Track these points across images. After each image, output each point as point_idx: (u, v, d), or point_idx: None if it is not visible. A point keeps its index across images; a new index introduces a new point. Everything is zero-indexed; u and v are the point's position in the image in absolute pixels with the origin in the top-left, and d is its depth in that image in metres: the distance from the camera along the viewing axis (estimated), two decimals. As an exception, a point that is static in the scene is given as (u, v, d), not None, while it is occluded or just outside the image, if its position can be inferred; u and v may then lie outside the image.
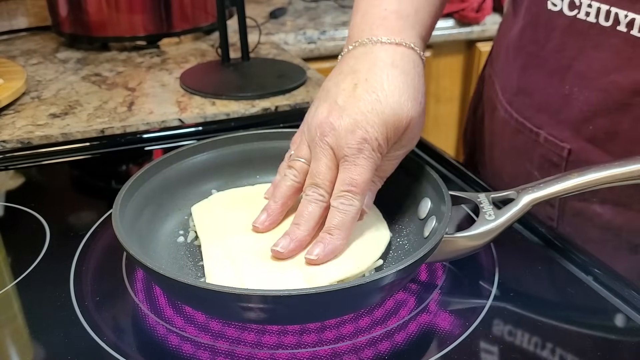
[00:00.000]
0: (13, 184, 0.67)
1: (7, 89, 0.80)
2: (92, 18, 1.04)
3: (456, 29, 1.35)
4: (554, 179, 0.47)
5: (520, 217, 0.47)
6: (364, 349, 0.42)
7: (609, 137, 0.54)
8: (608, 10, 0.48)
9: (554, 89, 0.57)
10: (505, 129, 0.65)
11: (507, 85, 0.65)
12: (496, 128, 0.67)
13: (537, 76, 0.59)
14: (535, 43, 0.58)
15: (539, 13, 0.57)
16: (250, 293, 0.38)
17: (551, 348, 0.42)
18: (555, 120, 0.58)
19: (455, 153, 1.56)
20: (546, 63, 0.57)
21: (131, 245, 0.43)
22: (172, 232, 0.53)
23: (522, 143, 0.62)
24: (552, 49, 0.56)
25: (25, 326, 0.45)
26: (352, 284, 0.39)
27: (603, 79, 0.52)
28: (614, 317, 0.45)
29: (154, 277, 0.43)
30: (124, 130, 0.76)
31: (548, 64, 0.57)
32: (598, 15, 0.49)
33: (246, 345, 0.42)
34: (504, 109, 0.65)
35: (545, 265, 0.51)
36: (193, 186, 0.57)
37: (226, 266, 0.47)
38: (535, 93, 0.60)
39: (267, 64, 0.98)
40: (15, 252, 0.54)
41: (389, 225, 0.53)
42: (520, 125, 0.62)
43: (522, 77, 0.62)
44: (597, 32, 0.50)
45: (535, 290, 0.49)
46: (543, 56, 0.58)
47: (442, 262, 0.50)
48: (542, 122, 0.59)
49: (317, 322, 0.44)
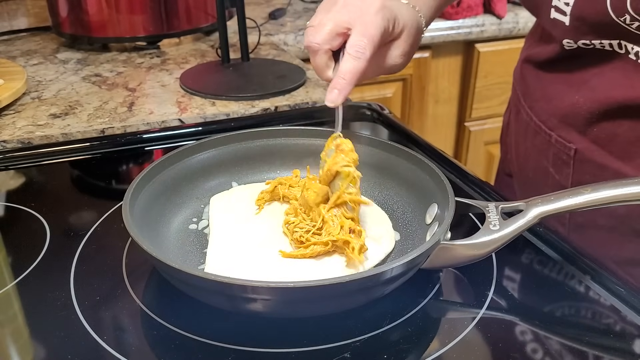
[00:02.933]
0: (13, 184, 0.67)
1: (7, 89, 0.80)
2: (92, 18, 1.04)
3: (455, 29, 1.36)
4: (566, 192, 0.47)
5: (526, 230, 0.46)
6: (359, 350, 0.42)
7: (610, 139, 0.59)
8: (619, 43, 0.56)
9: (568, 98, 0.62)
10: (527, 130, 0.71)
11: (529, 93, 0.70)
12: (520, 129, 0.73)
13: (557, 86, 0.65)
14: (567, 65, 0.63)
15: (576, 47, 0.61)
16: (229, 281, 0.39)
17: (547, 353, 0.42)
18: (564, 123, 0.64)
19: (453, 154, 1.56)
20: (571, 77, 0.63)
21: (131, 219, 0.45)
22: (186, 219, 0.55)
23: (540, 143, 0.68)
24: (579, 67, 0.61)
25: (25, 326, 0.45)
26: (333, 280, 0.39)
27: (608, 93, 0.58)
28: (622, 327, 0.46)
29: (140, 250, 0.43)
30: (124, 130, 0.77)
31: (572, 78, 0.63)
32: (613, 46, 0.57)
33: (246, 345, 0.42)
34: (526, 113, 0.71)
35: (546, 270, 0.52)
36: (213, 177, 0.58)
37: (228, 256, 0.48)
38: (553, 100, 0.65)
39: (266, 64, 0.98)
40: (15, 252, 0.54)
41: (398, 228, 0.54)
42: (538, 128, 0.68)
43: (546, 87, 0.67)
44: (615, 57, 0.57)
45: (534, 295, 0.49)
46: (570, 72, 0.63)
47: (441, 268, 0.50)
48: (553, 125, 0.65)
49: (303, 316, 0.44)
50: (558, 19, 0.58)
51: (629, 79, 0.56)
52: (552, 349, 0.42)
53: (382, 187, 0.58)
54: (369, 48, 0.52)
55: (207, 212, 0.56)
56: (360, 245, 0.48)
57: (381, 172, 0.58)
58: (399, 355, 0.41)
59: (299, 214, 0.52)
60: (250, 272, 0.47)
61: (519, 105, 0.73)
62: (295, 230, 0.50)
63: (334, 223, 0.50)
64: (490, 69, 1.43)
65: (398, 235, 0.53)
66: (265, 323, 0.45)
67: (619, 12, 0.52)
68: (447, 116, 1.51)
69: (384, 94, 1.40)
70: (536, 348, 0.42)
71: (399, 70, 0.60)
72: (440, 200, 0.50)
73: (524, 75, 0.72)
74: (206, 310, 0.45)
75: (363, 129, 0.79)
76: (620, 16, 0.52)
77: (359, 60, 0.52)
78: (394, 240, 0.52)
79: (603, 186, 0.46)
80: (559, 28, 0.59)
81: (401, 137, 0.74)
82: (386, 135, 0.77)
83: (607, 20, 0.53)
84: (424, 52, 1.37)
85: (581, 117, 0.61)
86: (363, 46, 0.52)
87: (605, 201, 0.46)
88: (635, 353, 0.42)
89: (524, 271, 0.51)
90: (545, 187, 0.67)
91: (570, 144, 0.63)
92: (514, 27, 1.39)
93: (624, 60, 0.56)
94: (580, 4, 0.55)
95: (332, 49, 0.54)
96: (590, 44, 0.57)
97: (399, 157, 0.57)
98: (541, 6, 0.61)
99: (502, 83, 1.46)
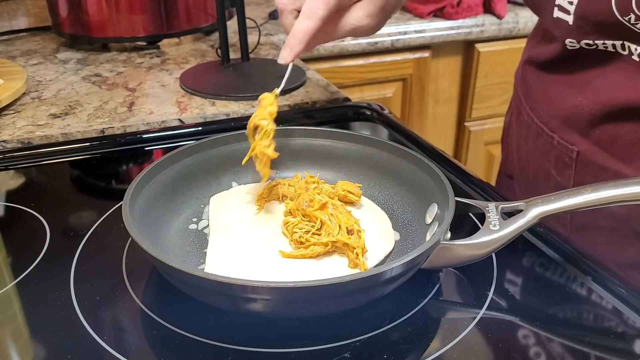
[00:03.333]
0: (13, 184, 0.67)
1: (7, 89, 0.80)
2: (92, 18, 1.04)
3: (455, 29, 1.36)
4: (566, 192, 0.47)
5: (526, 230, 0.46)
6: (358, 350, 0.42)
7: (611, 141, 0.60)
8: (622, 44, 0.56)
9: (570, 99, 0.62)
10: (529, 132, 0.71)
11: (530, 94, 0.70)
12: (521, 130, 0.73)
13: (559, 87, 0.65)
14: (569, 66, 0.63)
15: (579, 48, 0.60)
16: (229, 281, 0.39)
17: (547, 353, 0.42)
18: (566, 125, 0.64)
19: (453, 154, 1.57)
20: (572, 78, 0.63)
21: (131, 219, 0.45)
22: (185, 219, 0.55)
23: (542, 145, 0.68)
24: (581, 68, 0.61)
25: (25, 326, 0.45)
26: (333, 280, 0.39)
27: (610, 95, 0.58)
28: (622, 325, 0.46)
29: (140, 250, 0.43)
30: (124, 130, 0.77)
31: (574, 79, 0.62)
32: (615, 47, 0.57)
33: (246, 345, 0.42)
34: (527, 114, 0.71)
35: (546, 270, 0.52)
36: (213, 177, 0.59)
37: (227, 256, 0.48)
38: (555, 102, 0.65)
39: (266, 64, 0.98)
40: (15, 252, 0.54)
41: (398, 228, 0.54)
42: (540, 129, 0.68)
43: (548, 89, 0.67)
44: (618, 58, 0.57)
45: (534, 295, 0.49)
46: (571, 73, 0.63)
47: (441, 268, 0.50)
48: (555, 127, 0.65)
49: (303, 316, 0.44)
50: (561, 18, 0.58)
51: (632, 80, 0.56)
52: (553, 350, 0.42)
53: (382, 187, 0.58)
54: (322, 8, 0.54)
55: (207, 212, 0.56)
56: (361, 248, 0.48)
57: (381, 172, 0.58)
58: (398, 355, 0.41)
59: (297, 215, 0.52)
60: (250, 272, 0.47)
61: (520, 106, 0.73)
62: (294, 231, 0.50)
63: (331, 222, 0.50)
64: (490, 69, 1.44)
65: (398, 235, 0.53)
66: (265, 323, 0.45)
67: (623, 11, 0.52)
68: (447, 116, 1.51)
69: (384, 94, 1.40)
70: (536, 348, 0.42)
71: (368, 33, 0.60)
72: (440, 200, 0.50)
73: (526, 77, 0.72)
74: (206, 310, 0.45)
75: (363, 129, 0.79)
76: (625, 15, 0.52)
77: (311, 20, 0.54)
78: (393, 240, 0.52)
79: (603, 186, 0.46)
80: (562, 27, 0.59)
81: (401, 137, 0.74)
82: (386, 135, 0.77)
83: (612, 20, 0.53)
84: (424, 52, 1.37)
85: (583, 119, 0.61)
86: (316, 6, 0.54)
87: (606, 201, 0.46)
88: (636, 354, 0.42)
89: (524, 271, 0.51)
90: (547, 189, 0.67)
91: (572, 146, 0.63)
92: (514, 27, 1.39)
93: (626, 61, 0.56)
94: (585, 3, 0.55)
95: (297, 9, 0.56)
96: (593, 44, 0.57)
97: (398, 157, 0.57)
98: (544, 5, 0.61)
99: (502, 83, 1.46)
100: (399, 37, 1.31)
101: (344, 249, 0.49)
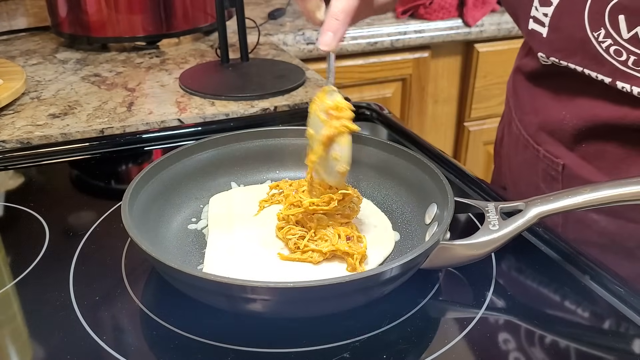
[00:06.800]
0: (13, 184, 0.67)
1: (6, 89, 0.80)
2: (91, 18, 1.04)
3: (454, 30, 1.36)
4: (565, 192, 0.47)
5: (525, 229, 0.46)
6: (358, 350, 0.42)
7: (598, 155, 0.58)
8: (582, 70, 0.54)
9: (555, 113, 0.61)
10: (517, 143, 0.70)
11: (519, 105, 0.69)
12: (512, 142, 0.72)
13: (545, 100, 0.63)
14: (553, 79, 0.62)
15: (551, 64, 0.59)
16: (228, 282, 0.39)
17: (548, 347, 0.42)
18: (552, 138, 0.62)
19: (453, 154, 1.57)
20: (557, 92, 0.61)
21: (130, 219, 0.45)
22: (185, 219, 0.55)
23: (530, 157, 0.67)
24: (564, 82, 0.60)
25: (25, 326, 0.45)
26: (333, 280, 0.39)
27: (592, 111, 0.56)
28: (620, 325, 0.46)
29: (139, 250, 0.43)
30: (124, 130, 0.77)
31: (558, 92, 0.61)
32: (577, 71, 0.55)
33: (246, 345, 0.42)
34: (516, 125, 0.69)
35: (546, 269, 0.52)
36: (212, 177, 0.58)
37: (226, 257, 0.48)
38: (541, 114, 0.64)
39: (266, 64, 0.98)
40: (15, 252, 0.54)
41: (398, 228, 0.54)
42: (526, 141, 0.67)
43: (535, 100, 0.66)
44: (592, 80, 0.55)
45: (533, 295, 0.49)
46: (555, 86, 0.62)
47: (441, 268, 0.50)
48: (542, 139, 0.64)
49: (303, 316, 0.44)
50: (536, 30, 0.57)
51: (613, 99, 0.54)
52: (552, 349, 0.42)
53: (381, 187, 0.58)
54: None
55: (206, 212, 0.56)
56: (361, 255, 0.48)
57: (380, 172, 0.58)
58: (398, 355, 0.41)
59: (290, 221, 0.51)
60: (248, 273, 0.47)
61: (511, 117, 0.72)
62: (288, 237, 0.50)
63: (329, 230, 0.50)
64: (489, 69, 1.44)
65: (397, 236, 0.53)
66: (265, 323, 0.45)
67: (595, 24, 0.51)
68: (446, 116, 1.51)
69: (384, 94, 1.40)
70: (535, 348, 0.42)
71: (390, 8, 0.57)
72: (439, 200, 0.50)
73: (515, 86, 0.71)
74: (206, 310, 0.45)
75: (362, 129, 0.79)
76: (595, 30, 0.51)
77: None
78: (393, 241, 0.52)
79: (602, 186, 0.46)
80: (537, 40, 0.58)
81: (400, 137, 0.74)
82: (385, 135, 0.77)
83: (581, 35, 0.52)
84: (423, 52, 1.37)
85: (568, 134, 0.60)
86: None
87: (604, 201, 0.46)
88: (634, 353, 0.42)
89: (523, 271, 0.51)
90: None
91: (557, 159, 0.62)
92: (514, 27, 1.39)
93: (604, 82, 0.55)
94: (558, 15, 0.54)
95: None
96: (558, 63, 0.56)
97: (398, 157, 0.57)
98: (520, 15, 0.60)
99: (502, 83, 1.46)
100: (399, 37, 1.31)
101: (344, 257, 0.49)
